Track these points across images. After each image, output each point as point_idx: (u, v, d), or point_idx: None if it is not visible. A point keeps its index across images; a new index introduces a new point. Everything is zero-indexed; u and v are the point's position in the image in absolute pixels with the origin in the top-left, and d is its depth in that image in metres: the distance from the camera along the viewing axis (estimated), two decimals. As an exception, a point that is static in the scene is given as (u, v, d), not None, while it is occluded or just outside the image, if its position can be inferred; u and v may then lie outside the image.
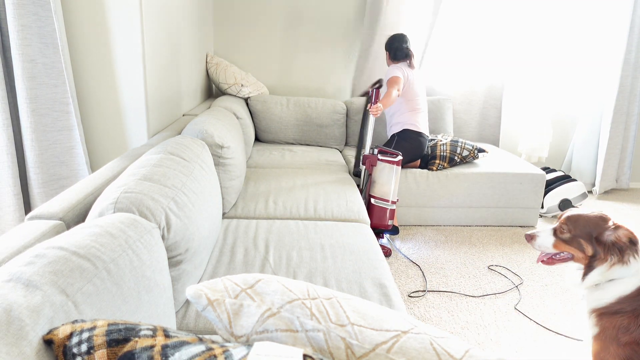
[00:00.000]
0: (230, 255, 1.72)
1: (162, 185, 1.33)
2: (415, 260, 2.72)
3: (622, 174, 4.25)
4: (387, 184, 2.60)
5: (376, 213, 2.64)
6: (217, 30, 3.82)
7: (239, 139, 2.29)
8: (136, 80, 2.04)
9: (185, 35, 2.81)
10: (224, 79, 3.41)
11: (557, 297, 2.39)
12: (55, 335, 0.65)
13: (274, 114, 3.54)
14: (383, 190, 2.62)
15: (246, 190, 2.40)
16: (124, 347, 0.60)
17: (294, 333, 0.65)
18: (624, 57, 3.86)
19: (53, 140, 1.86)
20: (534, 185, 3.20)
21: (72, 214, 1.24)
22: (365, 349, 0.62)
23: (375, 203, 2.63)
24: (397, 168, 2.59)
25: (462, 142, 3.27)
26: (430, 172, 3.10)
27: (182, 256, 1.30)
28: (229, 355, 0.59)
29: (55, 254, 0.81)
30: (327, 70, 3.97)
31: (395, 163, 2.59)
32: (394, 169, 2.59)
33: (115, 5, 1.94)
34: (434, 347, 0.62)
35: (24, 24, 1.69)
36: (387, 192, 2.62)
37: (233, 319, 0.68)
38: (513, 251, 2.89)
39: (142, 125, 2.11)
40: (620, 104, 3.95)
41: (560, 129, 4.35)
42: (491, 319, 2.18)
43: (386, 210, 2.63)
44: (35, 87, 1.77)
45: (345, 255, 1.75)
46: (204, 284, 0.74)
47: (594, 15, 4.04)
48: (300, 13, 3.82)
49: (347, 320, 0.65)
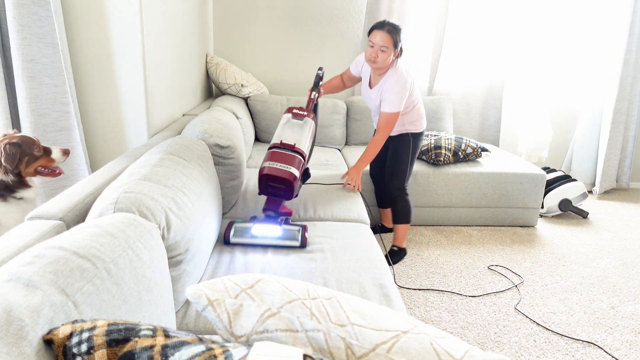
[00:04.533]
0: (230, 256, 1.72)
1: (162, 185, 1.33)
2: (416, 260, 2.71)
3: (622, 174, 4.25)
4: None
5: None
6: (217, 30, 3.82)
7: (239, 139, 2.29)
8: (136, 80, 2.04)
9: (185, 35, 2.81)
10: (224, 79, 3.41)
11: (557, 297, 2.39)
12: (55, 335, 0.65)
13: (274, 114, 3.54)
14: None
15: (246, 190, 2.40)
16: (124, 347, 0.60)
17: (294, 333, 0.65)
18: (624, 57, 3.86)
19: (53, 140, 1.86)
20: (534, 185, 3.20)
21: (72, 214, 1.24)
22: (365, 349, 0.62)
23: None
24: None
25: (467, 139, 3.29)
26: (431, 171, 3.10)
27: (182, 256, 1.30)
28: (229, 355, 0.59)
29: (55, 254, 0.81)
30: (327, 69, 3.97)
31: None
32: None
33: (115, 5, 1.94)
34: (434, 348, 0.62)
35: (24, 24, 1.69)
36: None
37: (233, 319, 0.68)
38: (513, 251, 2.89)
39: (142, 125, 2.11)
40: (620, 104, 3.95)
41: (560, 128, 4.35)
42: (491, 319, 2.18)
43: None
44: (35, 87, 1.77)
45: (345, 255, 1.75)
46: (203, 284, 0.73)
47: (594, 16, 4.04)
48: (301, 13, 3.82)
49: (347, 320, 0.65)
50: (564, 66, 4.17)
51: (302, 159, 1.90)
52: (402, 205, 2.56)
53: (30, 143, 1.52)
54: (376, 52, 2.23)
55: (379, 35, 2.21)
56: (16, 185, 1.49)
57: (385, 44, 2.21)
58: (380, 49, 2.22)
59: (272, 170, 1.81)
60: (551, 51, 4.12)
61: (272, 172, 1.80)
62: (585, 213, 3.50)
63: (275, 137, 1.98)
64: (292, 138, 1.94)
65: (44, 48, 1.77)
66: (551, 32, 4.06)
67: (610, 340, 2.06)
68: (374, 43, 2.23)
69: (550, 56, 4.13)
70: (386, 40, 2.20)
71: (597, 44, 4.10)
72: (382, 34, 2.20)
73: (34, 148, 1.52)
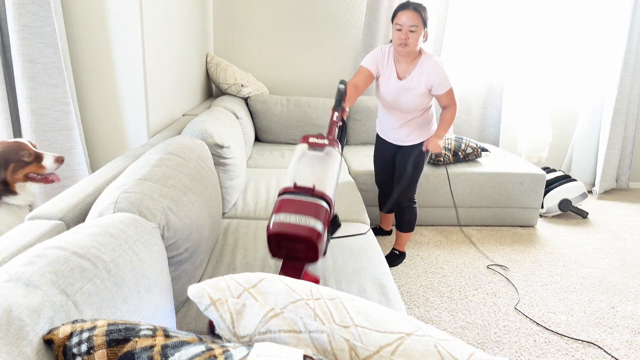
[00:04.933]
0: (230, 256, 1.72)
1: (162, 185, 1.33)
2: (416, 260, 2.71)
3: (622, 174, 4.25)
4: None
5: None
6: (217, 30, 3.82)
7: (239, 139, 2.29)
8: (136, 80, 2.04)
9: (185, 35, 2.81)
10: (224, 79, 3.41)
11: (557, 297, 2.39)
12: (55, 335, 0.64)
13: (274, 114, 3.54)
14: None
15: (246, 190, 2.40)
16: (124, 347, 0.60)
17: (297, 334, 0.64)
18: (624, 57, 3.86)
19: (53, 140, 1.85)
20: (534, 185, 3.20)
21: (72, 214, 1.24)
22: (369, 351, 0.61)
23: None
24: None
25: (467, 139, 3.29)
26: (431, 171, 3.09)
27: (182, 256, 1.30)
28: (229, 356, 0.58)
29: (55, 254, 0.81)
30: (328, 69, 3.97)
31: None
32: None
33: (115, 5, 1.94)
34: (438, 350, 0.62)
35: (24, 24, 1.69)
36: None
37: (236, 319, 0.67)
38: (513, 251, 2.89)
39: (142, 125, 2.11)
40: (620, 104, 3.95)
41: (560, 128, 4.35)
42: (491, 319, 2.17)
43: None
44: (35, 87, 1.76)
45: (345, 255, 1.75)
46: (206, 283, 0.73)
47: (594, 16, 4.04)
48: (301, 13, 3.81)
49: (351, 322, 0.65)
50: (564, 66, 4.17)
51: (326, 206, 1.39)
52: (411, 215, 2.53)
53: (18, 149, 1.47)
54: (406, 33, 2.07)
55: (405, 15, 2.05)
56: (1, 192, 1.46)
57: (414, 23, 2.05)
58: (410, 29, 2.05)
59: (284, 227, 1.31)
60: (551, 51, 4.12)
61: (284, 229, 1.30)
62: (585, 213, 3.50)
63: (288, 178, 1.47)
64: (311, 178, 1.44)
65: (44, 48, 1.76)
66: (551, 31, 4.06)
67: (610, 340, 2.06)
68: (401, 25, 2.07)
69: (550, 56, 4.13)
70: (414, 19, 2.05)
71: (597, 44, 4.10)
72: (409, 13, 2.05)
73: (22, 154, 1.47)
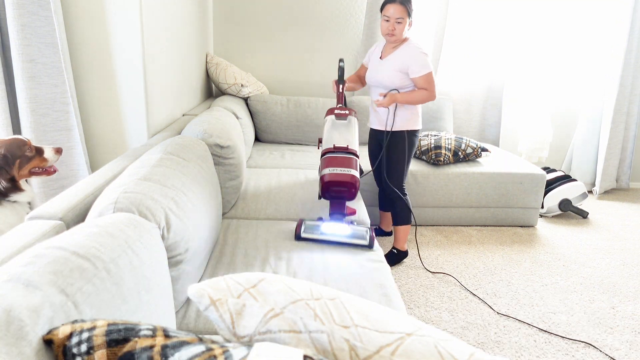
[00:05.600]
0: (230, 256, 1.72)
1: (162, 185, 1.33)
2: (416, 260, 2.71)
3: (622, 174, 4.25)
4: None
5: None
6: (217, 30, 3.82)
7: (239, 139, 2.29)
8: (136, 80, 2.04)
9: (185, 35, 2.81)
10: (224, 79, 3.41)
11: (557, 297, 2.39)
12: (55, 335, 0.64)
13: (274, 114, 3.54)
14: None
15: (246, 190, 2.40)
16: (124, 347, 0.60)
17: (298, 334, 0.64)
18: (624, 57, 3.86)
19: (53, 140, 1.85)
20: (534, 185, 3.20)
21: (72, 214, 1.24)
22: (369, 351, 0.61)
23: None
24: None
25: (467, 139, 3.29)
26: (431, 171, 3.09)
27: (182, 256, 1.30)
28: (229, 356, 0.58)
29: (55, 254, 0.81)
30: (328, 69, 3.97)
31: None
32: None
33: (115, 5, 1.94)
34: (439, 350, 0.61)
35: (24, 24, 1.68)
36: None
37: (236, 319, 0.67)
38: (513, 251, 2.89)
39: (142, 125, 2.10)
40: (620, 104, 3.95)
41: (560, 128, 4.35)
42: (491, 319, 2.17)
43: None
44: (35, 87, 1.76)
45: (345, 255, 1.75)
46: (206, 283, 0.73)
47: (594, 16, 4.04)
48: (301, 13, 3.81)
49: (351, 322, 0.65)
50: (564, 66, 4.17)
51: (357, 159, 1.97)
52: (402, 206, 2.56)
53: (21, 145, 1.49)
54: (392, 25, 2.29)
55: (392, 8, 2.27)
56: (9, 190, 1.48)
57: (401, 15, 2.27)
58: (396, 21, 2.27)
59: (334, 176, 1.87)
60: (551, 51, 4.12)
61: (334, 177, 1.87)
62: (585, 213, 3.50)
63: (326, 141, 2.05)
64: (343, 140, 2.02)
65: (44, 48, 1.76)
66: (551, 32, 4.06)
67: (610, 340, 2.06)
68: (389, 17, 2.28)
69: (550, 56, 4.13)
70: (400, 12, 2.26)
71: (597, 44, 4.10)
72: (395, 6, 2.26)
73: (25, 149, 1.50)
